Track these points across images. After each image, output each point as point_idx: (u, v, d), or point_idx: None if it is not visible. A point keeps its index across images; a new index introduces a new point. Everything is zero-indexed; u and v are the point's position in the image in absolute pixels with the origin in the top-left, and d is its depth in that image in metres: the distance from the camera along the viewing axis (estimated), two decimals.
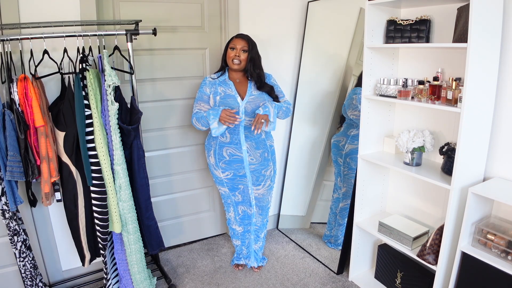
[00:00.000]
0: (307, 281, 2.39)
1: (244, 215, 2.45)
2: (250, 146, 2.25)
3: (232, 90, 2.20)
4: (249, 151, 2.26)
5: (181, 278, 2.44)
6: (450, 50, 1.86)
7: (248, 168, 2.29)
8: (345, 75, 2.57)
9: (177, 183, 2.72)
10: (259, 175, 2.33)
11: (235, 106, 2.17)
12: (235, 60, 2.18)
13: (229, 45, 2.21)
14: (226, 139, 2.24)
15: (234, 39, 2.21)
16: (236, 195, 2.38)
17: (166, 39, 2.42)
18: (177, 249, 2.82)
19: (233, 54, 2.18)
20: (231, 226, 2.52)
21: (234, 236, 2.54)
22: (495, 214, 1.78)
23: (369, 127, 2.14)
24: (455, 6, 1.74)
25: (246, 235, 2.51)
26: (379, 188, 2.32)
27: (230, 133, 2.22)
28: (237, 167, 2.28)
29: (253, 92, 2.22)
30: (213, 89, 2.21)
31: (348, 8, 2.47)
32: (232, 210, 2.45)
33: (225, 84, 2.22)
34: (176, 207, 2.76)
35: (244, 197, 2.39)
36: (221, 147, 2.25)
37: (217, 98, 2.19)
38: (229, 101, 2.18)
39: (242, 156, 2.26)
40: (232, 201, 2.42)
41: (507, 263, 1.56)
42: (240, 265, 2.55)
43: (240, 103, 2.18)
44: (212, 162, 2.32)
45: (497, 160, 1.78)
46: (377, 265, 2.30)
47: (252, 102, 2.20)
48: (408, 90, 1.87)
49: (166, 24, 2.39)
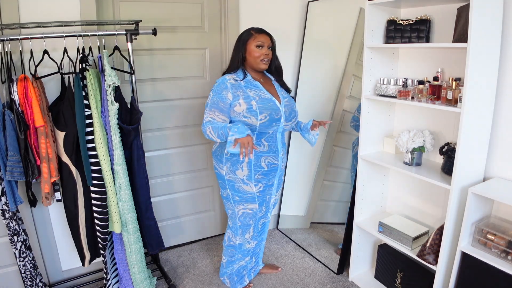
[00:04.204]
0: (307, 281, 2.39)
1: (263, 227, 2.20)
2: (283, 152, 2.07)
3: (265, 93, 1.91)
4: (282, 158, 2.06)
5: (181, 278, 2.44)
6: (450, 50, 1.86)
7: (278, 175, 2.08)
8: (345, 75, 2.57)
9: (177, 183, 2.72)
10: (280, 181, 2.16)
11: (279, 112, 1.91)
12: (265, 59, 1.92)
13: (249, 42, 1.90)
14: (264, 148, 1.95)
15: (258, 35, 1.90)
16: (262, 210, 2.10)
17: (166, 39, 2.42)
18: (177, 249, 2.82)
19: (261, 53, 1.90)
20: (244, 248, 2.19)
21: (245, 255, 2.22)
22: (495, 214, 1.79)
23: (369, 127, 2.14)
24: (455, 6, 1.74)
25: (259, 245, 2.28)
26: (379, 188, 2.32)
27: (268, 140, 1.95)
28: (272, 176, 2.03)
29: (283, 93, 2.01)
30: (240, 93, 1.85)
31: (348, 8, 2.47)
32: (252, 230, 2.13)
33: (254, 86, 1.91)
34: (176, 207, 2.76)
35: (266, 209, 2.14)
36: (258, 156, 1.94)
37: (253, 103, 1.84)
38: (271, 105, 1.88)
39: (278, 164, 2.03)
40: (256, 218, 2.09)
41: (507, 263, 1.56)
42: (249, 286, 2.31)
43: (280, 108, 1.92)
44: (245, 174, 1.95)
45: (497, 160, 1.79)
46: (377, 265, 2.30)
47: (288, 105, 1.98)
48: (408, 90, 1.87)
49: (166, 24, 2.39)
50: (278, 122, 1.93)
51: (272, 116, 1.88)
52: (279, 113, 1.91)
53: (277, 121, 1.92)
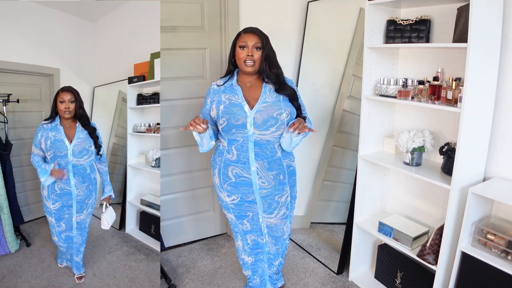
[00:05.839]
0: (307, 281, 2.39)
1: (254, 245, 2.04)
2: (261, 166, 1.82)
3: (239, 97, 1.78)
4: (259, 173, 1.82)
5: (181, 278, 2.44)
6: (450, 50, 1.86)
7: (259, 193, 1.86)
8: (345, 75, 2.57)
9: (177, 183, 2.72)
10: (272, 201, 1.90)
11: (241, 117, 1.75)
12: (248, 61, 1.77)
13: (236, 43, 1.81)
14: (232, 156, 1.82)
15: (243, 35, 1.79)
16: (244, 223, 1.96)
17: (166, 39, 2.42)
18: (177, 249, 2.82)
19: (244, 54, 1.77)
20: (240, 256, 2.11)
21: (244, 266, 2.13)
22: (495, 214, 1.78)
23: (369, 127, 2.14)
24: (455, 6, 1.74)
25: (259, 264, 2.11)
26: (379, 188, 2.32)
27: (237, 149, 1.80)
28: (245, 191, 1.86)
29: (267, 98, 1.79)
30: (216, 98, 1.82)
31: (348, 8, 2.47)
32: (240, 239, 2.04)
33: (231, 90, 1.81)
34: (176, 207, 2.76)
35: (254, 226, 1.97)
36: (227, 165, 1.84)
37: (221, 108, 1.78)
38: (234, 110, 1.76)
39: (250, 178, 1.83)
40: (239, 229, 2.00)
41: (507, 263, 1.56)
42: None
43: (248, 113, 1.75)
44: (217, 182, 1.91)
45: (497, 160, 1.78)
46: (377, 265, 2.30)
47: (263, 112, 1.76)
48: (408, 90, 1.87)
49: (166, 24, 2.39)
50: (240, 128, 1.76)
51: (230, 121, 1.76)
52: (241, 119, 1.75)
53: (238, 127, 1.76)
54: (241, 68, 1.81)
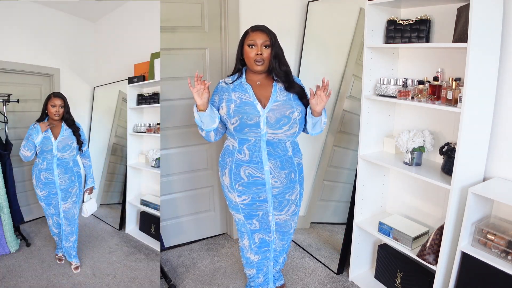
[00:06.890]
0: (307, 281, 2.39)
1: (262, 243, 2.03)
2: (274, 165, 1.82)
3: (250, 96, 1.76)
4: (272, 172, 1.82)
5: (181, 278, 2.44)
6: (450, 50, 1.86)
7: (271, 192, 1.86)
8: (345, 75, 2.56)
9: (177, 183, 2.72)
10: (283, 199, 1.91)
11: (254, 116, 1.74)
12: (258, 60, 1.75)
13: (244, 41, 1.77)
14: (244, 156, 1.81)
15: (251, 33, 1.76)
16: (253, 223, 1.95)
17: (166, 39, 2.42)
18: (177, 249, 2.82)
19: (253, 53, 1.74)
20: (245, 255, 2.09)
21: (248, 265, 2.11)
22: (495, 214, 1.79)
23: (369, 127, 2.14)
24: (455, 6, 1.74)
25: (264, 262, 2.09)
26: (379, 188, 2.32)
27: (249, 149, 1.80)
28: (257, 190, 1.85)
29: (278, 97, 1.78)
30: (226, 96, 1.79)
31: (348, 8, 2.47)
32: (246, 238, 2.02)
33: (241, 89, 1.79)
34: (176, 207, 2.76)
35: (263, 224, 1.97)
36: (239, 166, 1.82)
37: (231, 107, 1.75)
38: (247, 109, 1.74)
39: (263, 178, 1.82)
40: (247, 229, 1.98)
41: (507, 263, 1.56)
42: None
43: (260, 112, 1.74)
44: (227, 183, 1.88)
45: (497, 160, 1.79)
46: (377, 265, 2.30)
47: (276, 111, 1.75)
48: (408, 90, 1.87)
49: (166, 24, 2.39)
50: (253, 128, 1.75)
51: (243, 121, 1.74)
52: (255, 118, 1.73)
53: (251, 127, 1.75)
54: (251, 67, 1.79)
